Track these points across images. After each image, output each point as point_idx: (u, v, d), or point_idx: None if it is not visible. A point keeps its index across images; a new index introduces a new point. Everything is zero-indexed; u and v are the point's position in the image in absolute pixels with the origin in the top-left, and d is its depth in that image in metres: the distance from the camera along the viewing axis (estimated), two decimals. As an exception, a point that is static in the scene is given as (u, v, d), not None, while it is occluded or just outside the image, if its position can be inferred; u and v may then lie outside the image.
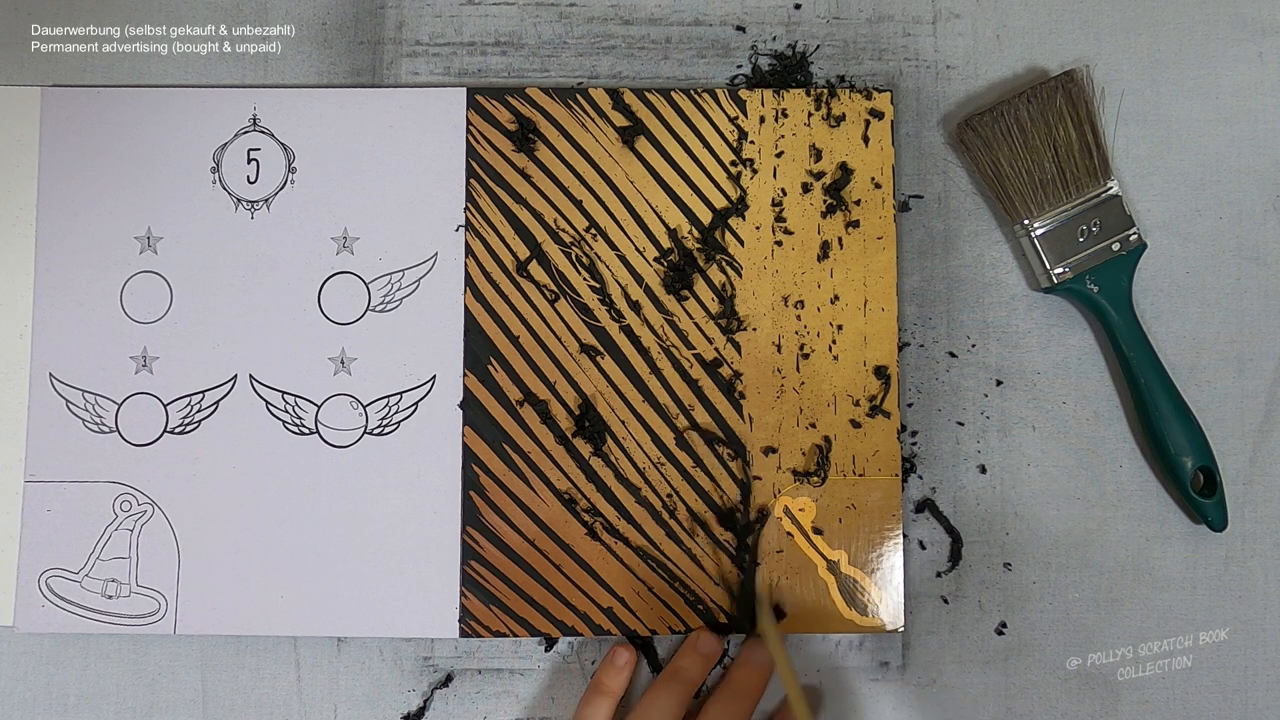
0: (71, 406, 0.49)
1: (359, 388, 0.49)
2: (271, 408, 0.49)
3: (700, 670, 0.46)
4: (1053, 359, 0.50)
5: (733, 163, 0.50)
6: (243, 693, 0.49)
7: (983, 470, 0.50)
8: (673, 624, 0.48)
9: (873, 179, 0.50)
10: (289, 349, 0.49)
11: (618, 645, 0.48)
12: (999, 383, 0.50)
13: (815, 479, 0.49)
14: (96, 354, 0.49)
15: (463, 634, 0.48)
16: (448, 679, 0.49)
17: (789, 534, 0.48)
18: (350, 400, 0.49)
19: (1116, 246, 0.49)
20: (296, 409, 0.49)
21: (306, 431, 0.49)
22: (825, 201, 0.50)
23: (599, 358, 0.49)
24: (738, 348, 0.49)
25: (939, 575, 0.49)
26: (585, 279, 0.50)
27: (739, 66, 0.51)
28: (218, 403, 0.49)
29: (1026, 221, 0.49)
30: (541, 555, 0.48)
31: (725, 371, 0.49)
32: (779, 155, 0.50)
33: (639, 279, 0.49)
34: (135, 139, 0.50)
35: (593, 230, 0.50)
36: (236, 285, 0.49)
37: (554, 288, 0.50)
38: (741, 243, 0.50)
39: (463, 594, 0.48)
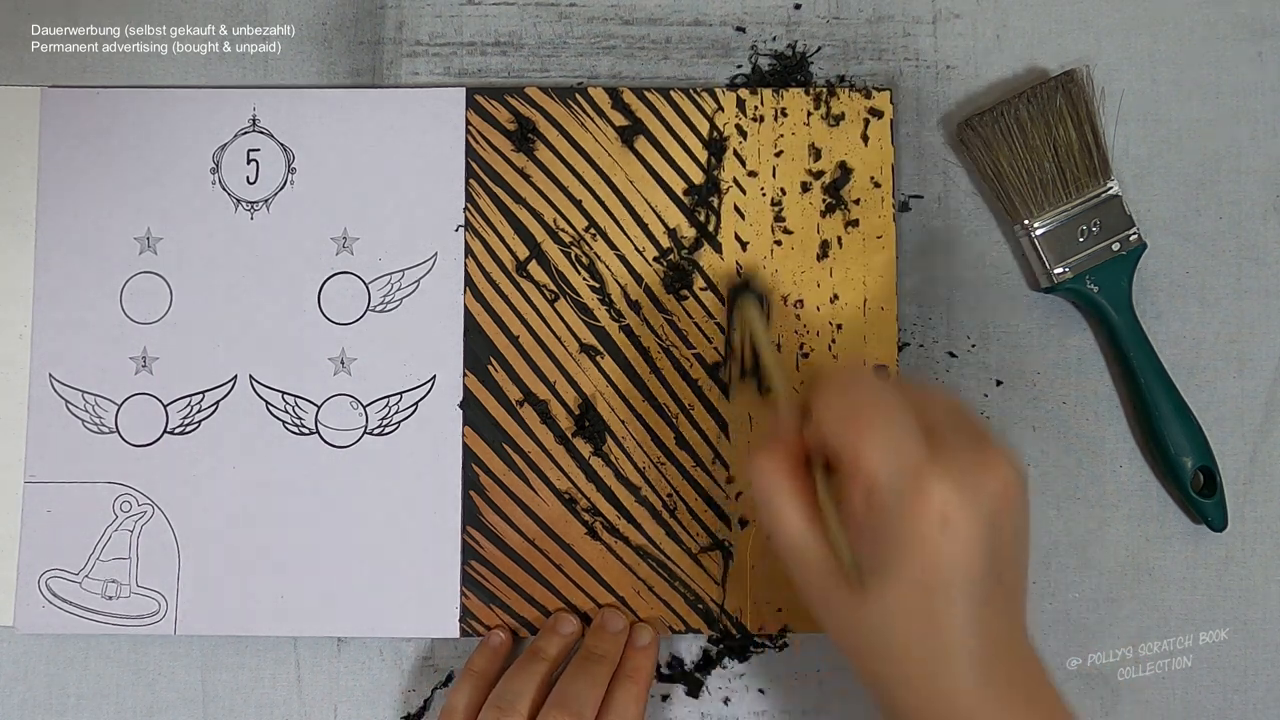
0: (71, 407, 0.49)
1: (359, 388, 0.49)
2: (271, 408, 0.49)
3: (559, 650, 0.47)
4: (1053, 359, 0.50)
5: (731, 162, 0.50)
6: (243, 693, 0.49)
7: (983, 470, 0.50)
8: (673, 624, 0.48)
9: (872, 178, 0.50)
10: (289, 349, 0.49)
11: (495, 629, 0.48)
12: (999, 383, 0.50)
13: (815, 479, 0.49)
14: (96, 354, 0.49)
15: (463, 634, 0.48)
16: (448, 679, 0.49)
17: (789, 534, 0.48)
18: (350, 400, 0.49)
19: (1116, 246, 0.49)
20: (296, 409, 0.49)
21: (306, 431, 0.49)
22: (825, 201, 0.50)
23: (599, 358, 0.49)
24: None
25: (939, 575, 0.49)
26: (585, 279, 0.50)
27: (739, 66, 0.51)
28: (218, 403, 0.49)
29: (1026, 221, 0.49)
30: (542, 555, 0.48)
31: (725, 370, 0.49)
32: (778, 154, 0.50)
33: (639, 279, 0.50)
34: (135, 139, 0.50)
35: (592, 230, 0.50)
36: (236, 285, 0.49)
37: (554, 288, 0.50)
38: (742, 244, 0.50)
39: (463, 594, 0.48)
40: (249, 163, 0.50)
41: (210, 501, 0.48)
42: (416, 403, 0.49)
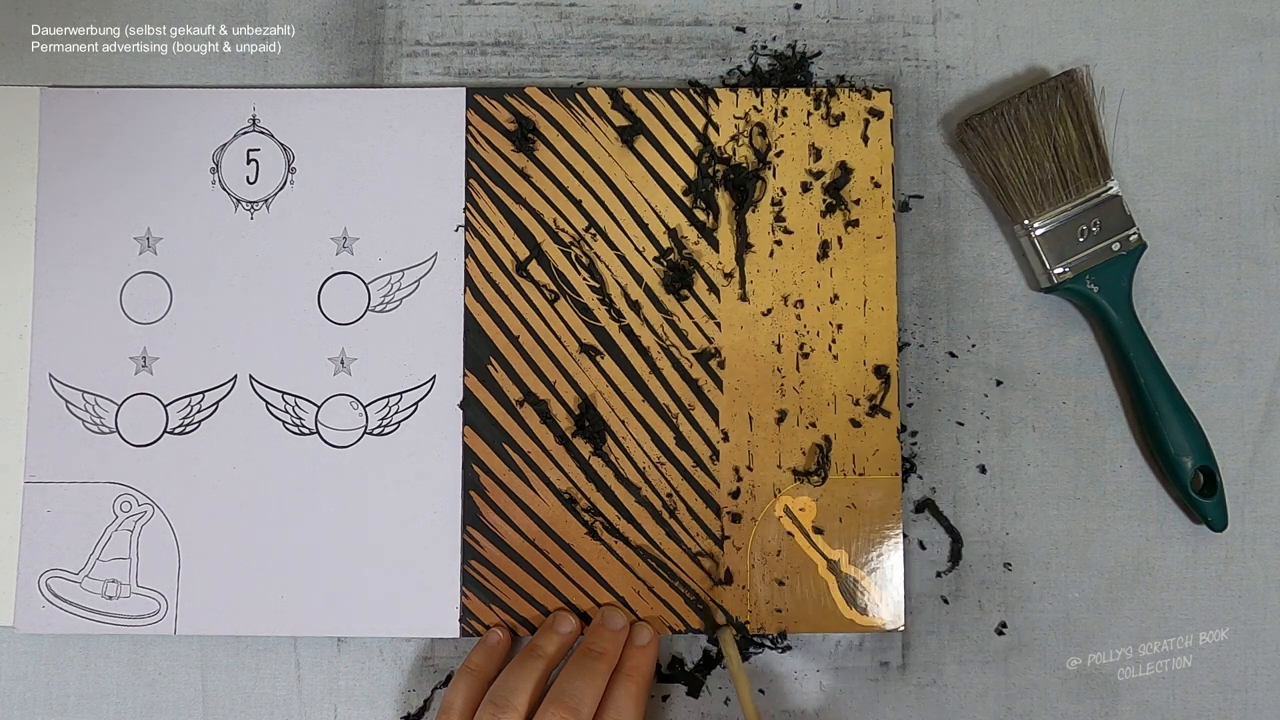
0: (71, 407, 0.49)
1: (359, 388, 0.49)
2: (271, 408, 0.49)
3: (558, 648, 0.47)
4: (1053, 359, 0.50)
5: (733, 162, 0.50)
6: (243, 693, 0.49)
7: (983, 470, 0.50)
8: (673, 624, 0.48)
9: (872, 178, 0.50)
10: (289, 349, 0.49)
11: (494, 628, 0.48)
12: (999, 383, 0.50)
13: (815, 478, 0.49)
14: (96, 354, 0.49)
15: (463, 634, 0.48)
16: (448, 679, 0.49)
17: (789, 533, 0.48)
18: (350, 400, 0.49)
19: (1116, 246, 0.49)
20: (296, 409, 0.49)
21: (306, 431, 0.49)
22: (825, 201, 0.50)
23: (599, 358, 0.49)
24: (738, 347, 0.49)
25: (939, 575, 0.49)
26: (585, 279, 0.50)
27: (739, 67, 0.51)
28: (218, 403, 0.49)
29: (1026, 221, 0.49)
30: (542, 555, 0.48)
31: (725, 371, 0.49)
32: (778, 154, 0.50)
33: (639, 279, 0.50)
34: (135, 139, 0.50)
35: (592, 230, 0.50)
36: (236, 285, 0.49)
37: (554, 288, 0.50)
38: (747, 245, 0.49)
39: (463, 594, 0.48)
40: (249, 163, 0.50)
41: (210, 501, 0.48)
42: (416, 403, 0.49)
